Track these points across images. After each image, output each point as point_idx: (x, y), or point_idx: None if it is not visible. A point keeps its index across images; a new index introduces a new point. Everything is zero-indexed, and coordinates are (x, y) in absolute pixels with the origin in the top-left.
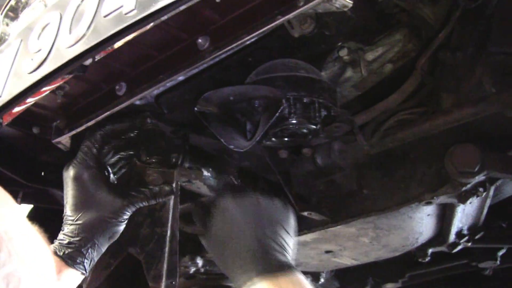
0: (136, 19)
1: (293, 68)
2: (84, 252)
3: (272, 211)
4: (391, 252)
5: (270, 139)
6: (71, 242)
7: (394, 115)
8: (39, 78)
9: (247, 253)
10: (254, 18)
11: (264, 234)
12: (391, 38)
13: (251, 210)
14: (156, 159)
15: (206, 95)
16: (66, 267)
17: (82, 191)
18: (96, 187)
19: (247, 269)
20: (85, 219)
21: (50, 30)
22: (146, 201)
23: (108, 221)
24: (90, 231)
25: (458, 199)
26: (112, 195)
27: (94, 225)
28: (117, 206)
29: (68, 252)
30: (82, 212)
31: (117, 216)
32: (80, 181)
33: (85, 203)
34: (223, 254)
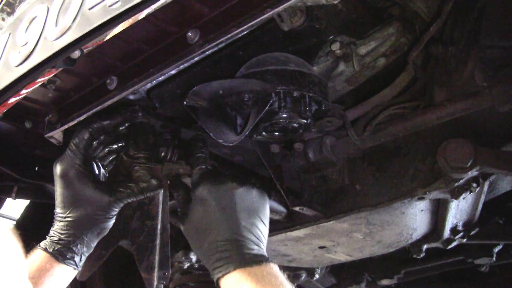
0: (120, 11)
1: (283, 62)
2: (74, 248)
3: (249, 201)
4: (385, 248)
5: (260, 134)
6: (61, 238)
7: (386, 109)
8: (25, 71)
9: (224, 244)
10: (243, 11)
11: (241, 225)
12: (383, 32)
13: (228, 200)
14: (143, 154)
15: (195, 89)
16: (57, 263)
17: (69, 189)
18: (82, 184)
19: (225, 261)
20: (73, 216)
21: (37, 23)
22: (133, 197)
23: (96, 217)
24: (78, 228)
25: (451, 194)
26: (99, 192)
27: (83, 221)
28: (104, 202)
29: (58, 248)
30: (70, 209)
31: (105, 213)
32: (67, 178)
33: (73, 200)
34: (202, 245)
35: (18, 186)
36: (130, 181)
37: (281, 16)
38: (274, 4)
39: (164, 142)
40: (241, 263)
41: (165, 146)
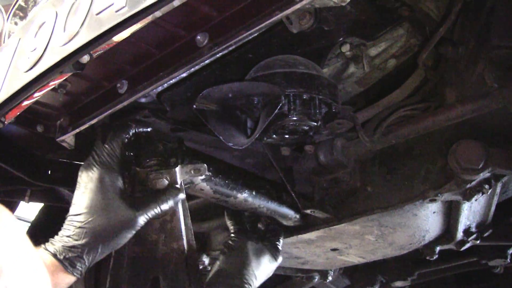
0: (126, 16)
1: (292, 65)
2: (85, 258)
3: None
4: (398, 250)
5: (271, 136)
6: (75, 245)
7: (397, 111)
8: (34, 76)
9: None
10: (252, 14)
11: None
12: (393, 33)
13: (259, 257)
14: (155, 160)
15: (204, 93)
16: (63, 272)
17: (100, 195)
18: (114, 194)
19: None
20: (95, 224)
21: (46, 28)
22: (159, 210)
23: (118, 231)
24: (96, 238)
25: (463, 196)
26: (127, 205)
27: (102, 232)
28: (130, 217)
29: (69, 256)
30: (94, 217)
31: (128, 228)
32: (101, 184)
33: (100, 208)
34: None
35: (31, 189)
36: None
37: (290, 18)
38: (283, 6)
39: (172, 152)
40: None
41: (173, 155)
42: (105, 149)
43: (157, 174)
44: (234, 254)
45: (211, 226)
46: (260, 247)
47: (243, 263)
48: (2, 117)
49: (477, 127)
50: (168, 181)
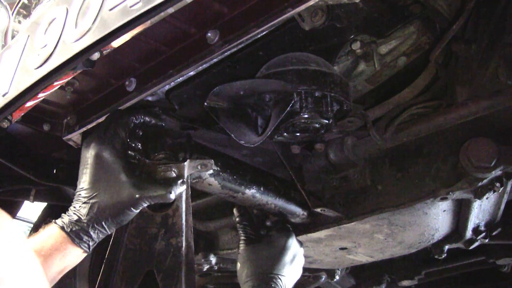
0: (141, 12)
1: (304, 62)
2: (91, 232)
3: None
4: (406, 249)
5: (281, 134)
6: (80, 220)
7: (408, 109)
8: (45, 73)
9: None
10: (263, 11)
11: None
12: (404, 30)
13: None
14: (164, 154)
15: (216, 90)
16: (71, 244)
17: (104, 170)
18: (118, 170)
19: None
20: (100, 200)
21: (56, 24)
22: (162, 197)
23: (122, 209)
24: (101, 214)
25: (474, 194)
26: (132, 184)
27: (107, 209)
28: (134, 196)
29: (76, 229)
30: (98, 192)
31: (132, 207)
32: (104, 159)
33: (104, 183)
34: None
35: (36, 189)
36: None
37: (302, 15)
38: (295, 3)
39: (180, 146)
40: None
41: (182, 150)
42: (108, 129)
43: (166, 167)
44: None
45: (218, 225)
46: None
47: (271, 254)
48: (9, 115)
49: (489, 124)
50: (176, 174)
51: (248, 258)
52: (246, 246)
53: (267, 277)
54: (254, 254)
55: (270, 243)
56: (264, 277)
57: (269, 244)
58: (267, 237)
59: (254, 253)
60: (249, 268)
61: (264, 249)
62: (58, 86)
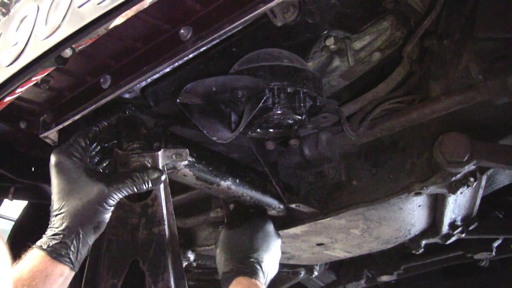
0: (108, 9)
1: (276, 58)
2: (69, 243)
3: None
4: (383, 244)
5: (255, 130)
6: (56, 233)
7: (381, 104)
8: (16, 70)
9: (260, 259)
10: (236, 7)
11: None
12: (378, 26)
13: (263, 231)
14: (138, 144)
15: (188, 87)
16: (51, 262)
17: (65, 178)
18: (78, 174)
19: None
20: (69, 208)
21: (28, 22)
22: (134, 186)
23: (93, 208)
24: (74, 220)
25: (448, 189)
26: (97, 182)
27: (78, 213)
28: (102, 192)
29: (53, 244)
30: (66, 200)
31: (103, 203)
32: (62, 167)
33: (69, 190)
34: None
35: (15, 187)
36: (129, 173)
37: (274, 11)
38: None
39: (156, 135)
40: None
41: (157, 139)
42: (70, 139)
43: (138, 157)
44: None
45: (196, 222)
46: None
47: (252, 238)
48: None
49: (463, 119)
50: (149, 164)
51: (228, 242)
52: (227, 231)
53: (248, 261)
54: (235, 238)
55: (251, 228)
56: (245, 261)
57: (250, 228)
58: (247, 223)
59: (235, 237)
60: (229, 252)
61: (245, 233)
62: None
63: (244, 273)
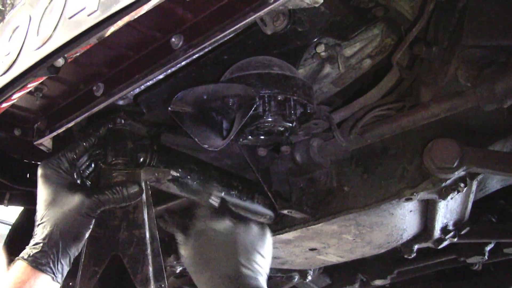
0: (98, 20)
1: (267, 66)
2: (49, 253)
3: (248, 237)
4: (376, 248)
5: (246, 138)
6: (37, 242)
7: (372, 110)
8: (8, 80)
9: (223, 282)
10: (226, 15)
11: (240, 262)
12: (368, 33)
13: (228, 236)
14: (122, 160)
15: (179, 95)
16: (33, 272)
17: (48, 189)
18: (62, 186)
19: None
20: (50, 217)
21: (20, 32)
22: (114, 203)
23: (73, 217)
24: (54, 229)
25: (438, 195)
26: (77, 192)
27: (59, 222)
28: (82, 202)
29: (33, 253)
30: (47, 210)
31: (83, 213)
32: (47, 179)
33: (51, 201)
34: (200, 277)
35: (10, 193)
36: (110, 188)
37: (264, 20)
38: (257, 8)
39: (142, 148)
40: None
41: (143, 152)
42: (58, 152)
43: (119, 173)
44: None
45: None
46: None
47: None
48: None
49: (453, 126)
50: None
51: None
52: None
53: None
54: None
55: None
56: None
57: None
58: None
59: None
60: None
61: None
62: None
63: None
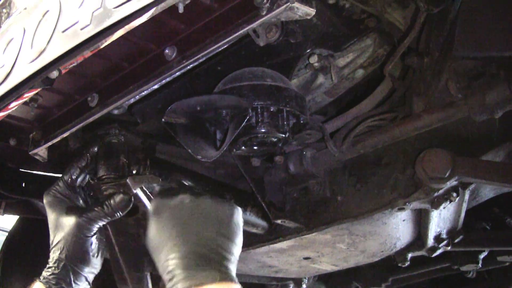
0: (91, 34)
1: (260, 77)
2: (60, 276)
3: (203, 214)
4: (370, 257)
5: (240, 148)
6: (50, 266)
7: (364, 121)
8: (3, 93)
9: (177, 259)
10: (219, 27)
11: (191, 242)
12: (361, 43)
13: (179, 215)
14: (114, 175)
15: (172, 106)
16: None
17: (53, 215)
18: (61, 210)
19: (178, 278)
20: (57, 241)
21: (14, 44)
22: (104, 217)
23: (73, 239)
24: (62, 251)
25: (431, 204)
26: (72, 216)
27: (63, 246)
28: (77, 223)
29: (47, 276)
30: (54, 236)
31: (79, 234)
32: (50, 206)
33: (56, 226)
34: (158, 256)
35: (5, 202)
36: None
37: (257, 31)
38: (249, 20)
39: (136, 162)
40: (193, 281)
41: (136, 165)
42: (55, 182)
43: (108, 187)
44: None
45: None
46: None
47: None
48: None
49: (445, 135)
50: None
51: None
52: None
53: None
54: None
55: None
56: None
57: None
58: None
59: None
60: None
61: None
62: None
63: None
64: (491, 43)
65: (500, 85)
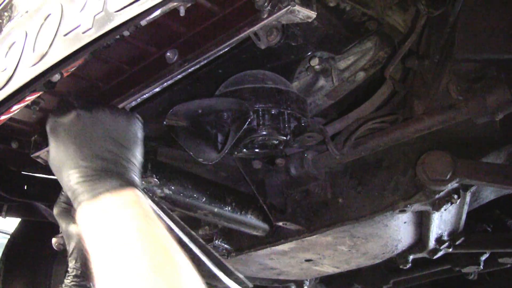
0: (93, 38)
1: (261, 80)
2: (79, 284)
3: (101, 125)
4: (371, 259)
5: (241, 151)
6: (69, 274)
7: (365, 123)
8: (5, 96)
9: (77, 174)
10: (220, 30)
11: (92, 156)
12: (362, 46)
13: (75, 129)
14: None
15: (174, 109)
16: None
17: (61, 225)
18: (69, 220)
19: (79, 193)
20: (72, 251)
21: (16, 48)
22: None
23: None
24: (77, 262)
25: (432, 206)
26: (73, 224)
27: (78, 255)
28: (76, 233)
29: (67, 284)
30: (69, 245)
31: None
32: (58, 217)
33: (67, 236)
34: (60, 175)
35: (7, 205)
36: None
37: (258, 34)
38: (250, 23)
39: None
40: (88, 198)
41: None
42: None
43: None
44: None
45: None
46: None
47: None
48: None
49: (446, 138)
50: None
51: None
52: None
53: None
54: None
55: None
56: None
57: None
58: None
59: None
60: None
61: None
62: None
63: None
64: (492, 46)
65: (501, 88)
